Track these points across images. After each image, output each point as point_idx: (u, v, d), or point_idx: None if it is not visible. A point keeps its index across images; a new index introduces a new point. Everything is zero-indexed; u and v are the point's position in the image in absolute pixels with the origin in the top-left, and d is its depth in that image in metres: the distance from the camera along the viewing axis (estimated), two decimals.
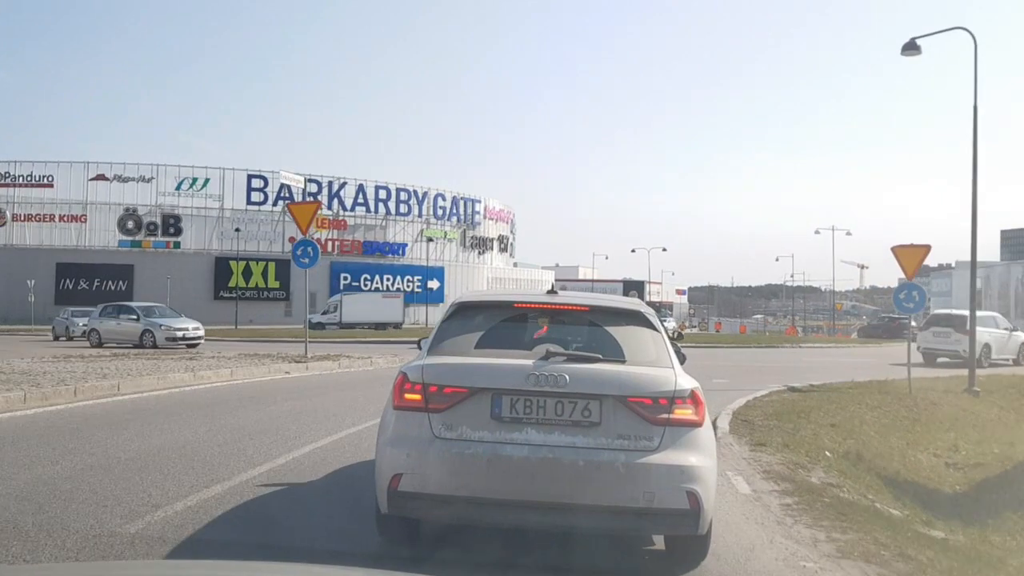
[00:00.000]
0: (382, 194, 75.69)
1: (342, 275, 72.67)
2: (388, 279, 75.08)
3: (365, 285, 73.38)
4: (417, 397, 4.32)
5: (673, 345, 4.86)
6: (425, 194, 78.56)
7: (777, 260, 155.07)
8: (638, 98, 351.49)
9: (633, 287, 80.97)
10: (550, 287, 6.02)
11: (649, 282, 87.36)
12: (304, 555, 4.33)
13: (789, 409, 11.31)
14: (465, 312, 4.94)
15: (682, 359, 4.94)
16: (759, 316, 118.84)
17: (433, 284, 76.44)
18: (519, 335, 4.79)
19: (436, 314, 76.08)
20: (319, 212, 70.04)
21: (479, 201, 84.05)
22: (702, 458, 4.24)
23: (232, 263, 66.93)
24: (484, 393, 4.28)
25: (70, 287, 65.02)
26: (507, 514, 4.18)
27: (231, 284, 66.52)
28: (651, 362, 4.54)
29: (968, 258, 15.40)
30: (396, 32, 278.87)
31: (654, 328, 4.78)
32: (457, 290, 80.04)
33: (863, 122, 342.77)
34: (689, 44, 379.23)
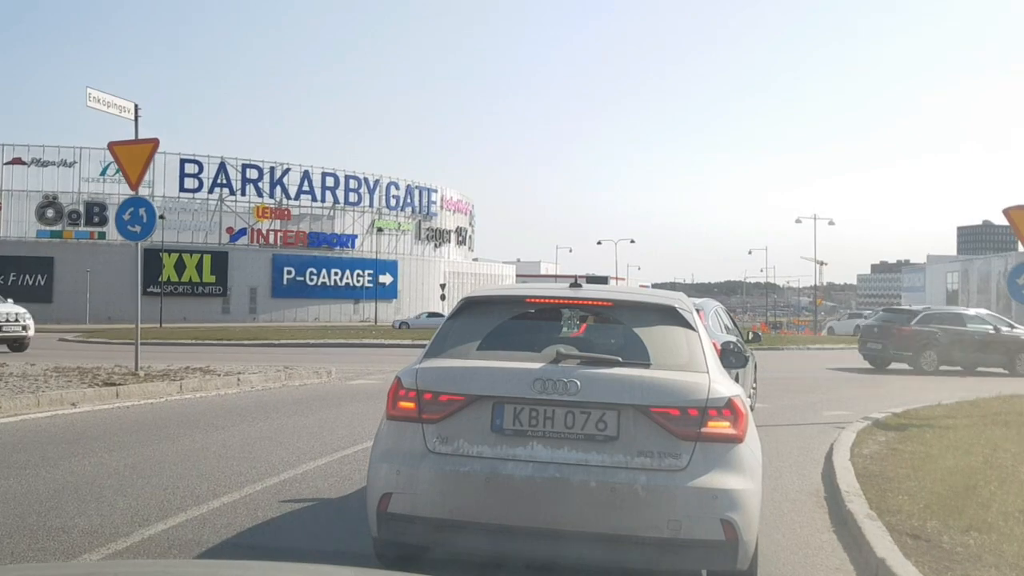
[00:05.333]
0: (329, 181, 70.37)
1: (285, 269, 67.36)
2: (336, 273, 69.84)
3: (311, 280, 68.40)
4: (411, 405, 3.82)
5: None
6: (377, 182, 73.31)
7: (750, 253, 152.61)
8: (603, 92, 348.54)
9: (596, 283, 76.58)
10: (573, 280, 4.64)
11: (616, 277, 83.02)
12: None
13: (936, 480, 6.62)
14: (472, 309, 4.33)
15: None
16: None
17: (385, 279, 71.51)
18: (531, 335, 4.20)
19: (388, 311, 71.46)
20: (264, 202, 66.15)
21: (435, 191, 78.97)
22: (741, 480, 3.60)
23: (163, 255, 61.12)
24: (484, 401, 3.75)
25: None
26: (507, 543, 3.64)
27: (162, 278, 60.56)
28: (681, 366, 3.89)
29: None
30: (347, 10, 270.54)
31: (689, 326, 4.09)
32: (411, 285, 75.33)
33: (826, 123, 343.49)
34: (658, 41, 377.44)
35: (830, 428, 9.80)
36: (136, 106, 12.41)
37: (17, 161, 62.81)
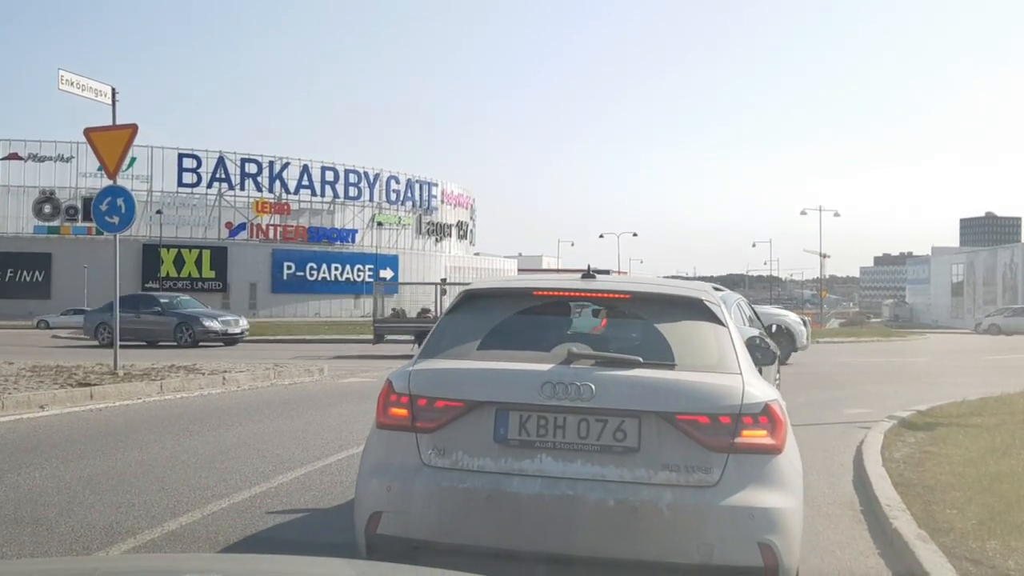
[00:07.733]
0: (329, 176, 69.81)
1: (285, 264, 66.82)
2: (336, 268, 69.29)
3: (311, 275, 67.77)
4: (403, 412, 3.42)
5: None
6: (377, 176, 72.69)
7: (754, 246, 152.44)
8: (604, 87, 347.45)
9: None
10: (587, 269, 4.13)
11: (618, 271, 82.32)
12: None
13: (982, 489, 6.01)
14: (473, 303, 3.85)
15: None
16: None
17: (386, 274, 70.75)
18: (539, 332, 3.74)
19: (389, 306, 70.72)
20: (263, 196, 65.50)
21: (435, 184, 78.30)
22: (781, 497, 3.19)
23: (162, 251, 60.57)
24: (485, 408, 3.34)
25: None
26: (511, 570, 3.19)
27: (161, 274, 60.01)
28: (710, 366, 3.45)
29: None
30: (347, 6, 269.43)
31: (719, 321, 3.63)
32: (412, 280, 74.49)
33: (828, 120, 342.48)
34: (658, 37, 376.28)
35: (853, 428, 9.19)
36: (113, 89, 11.74)
37: (14, 156, 62.16)
